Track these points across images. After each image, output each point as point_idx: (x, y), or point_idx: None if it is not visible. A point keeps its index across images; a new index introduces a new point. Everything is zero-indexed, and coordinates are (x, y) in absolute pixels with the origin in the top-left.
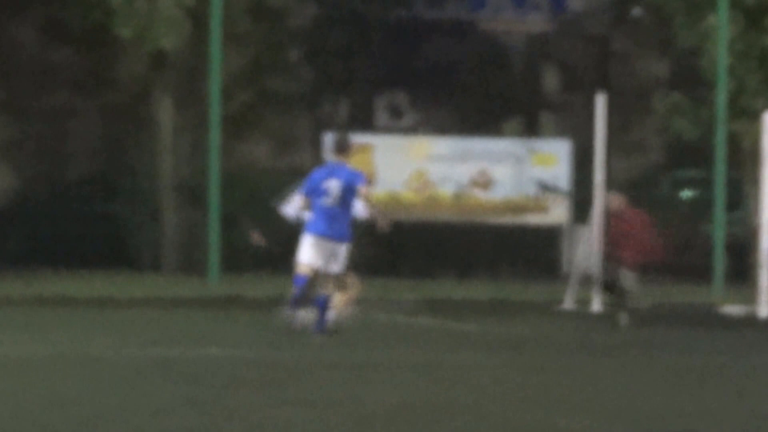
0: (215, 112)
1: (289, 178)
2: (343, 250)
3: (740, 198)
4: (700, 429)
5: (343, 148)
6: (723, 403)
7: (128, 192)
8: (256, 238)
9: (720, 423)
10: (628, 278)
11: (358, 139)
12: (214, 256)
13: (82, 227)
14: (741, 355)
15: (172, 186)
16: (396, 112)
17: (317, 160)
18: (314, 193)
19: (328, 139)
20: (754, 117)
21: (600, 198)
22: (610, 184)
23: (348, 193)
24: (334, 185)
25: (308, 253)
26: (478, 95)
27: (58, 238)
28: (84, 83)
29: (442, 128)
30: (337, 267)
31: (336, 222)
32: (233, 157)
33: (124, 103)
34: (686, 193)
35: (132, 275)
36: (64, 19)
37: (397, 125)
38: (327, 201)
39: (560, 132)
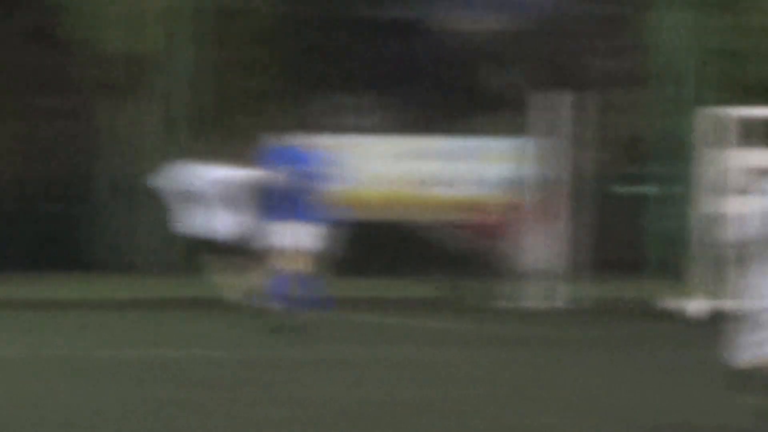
0: (181, 111)
1: None
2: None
3: (696, 193)
4: (664, 423)
5: None
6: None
7: (85, 192)
8: None
9: (703, 415)
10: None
11: (324, 138)
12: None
13: (35, 228)
14: (680, 351)
15: (128, 186)
16: (361, 112)
17: None
18: None
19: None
20: (713, 111)
21: (564, 194)
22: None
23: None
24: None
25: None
26: (437, 96)
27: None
28: (41, 84)
29: (406, 127)
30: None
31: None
32: (197, 156)
33: (83, 103)
34: (639, 188)
35: (86, 276)
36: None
37: (363, 125)
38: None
39: (519, 130)
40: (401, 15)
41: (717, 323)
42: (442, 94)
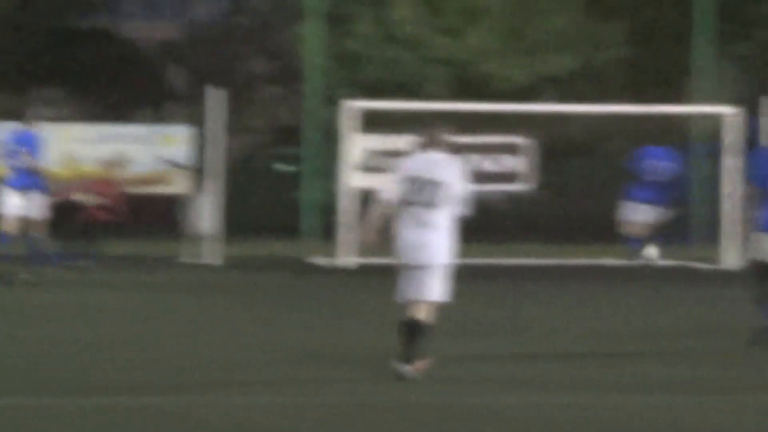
0: None
1: None
2: None
3: (328, 170)
4: (300, 356)
5: None
6: (318, 334)
7: None
8: None
9: (313, 351)
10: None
11: (30, 124)
12: None
13: None
14: (329, 296)
15: None
16: (51, 105)
17: None
18: None
19: None
20: (338, 105)
21: (217, 171)
22: (223, 160)
23: None
24: None
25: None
26: (118, 91)
27: None
28: None
29: (88, 117)
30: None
31: None
32: None
33: None
34: (284, 167)
35: None
36: None
37: (51, 116)
38: None
39: (184, 119)
40: (94, 23)
41: (360, 276)
42: (125, 88)
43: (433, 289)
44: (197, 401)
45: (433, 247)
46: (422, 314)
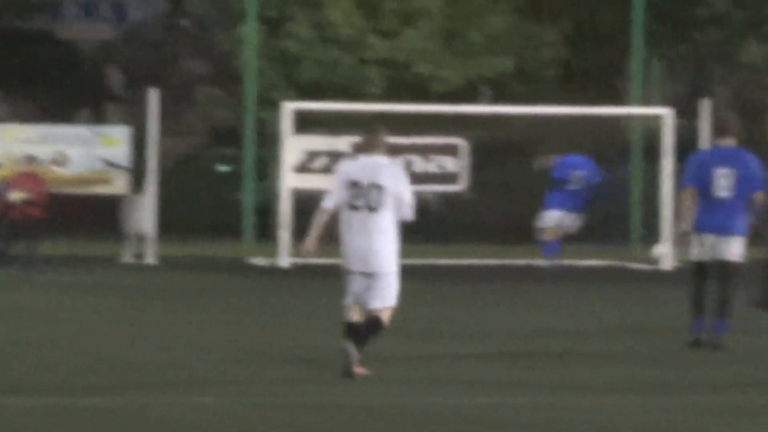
0: None
1: None
2: None
3: (266, 171)
4: (238, 356)
5: None
6: (254, 334)
7: None
8: None
9: (249, 351)
10: None
11: None
12: None
13: None
14: (267, 297)
15: None
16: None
17: None
18: None
19: None
20: (277, 106)
21: (153, 171)
22: (161, 160)
23: None
24: None
25: None
26: (58, 91)
27: None
28: None
29: (28, 118)
30: None
31: None
32: None
33: None
34: (223, 167)
35: None
36: None
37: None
38: None
39: (122, 120)
40: (33, 25)
41: (299, 276)
42: (65, 89)
43: (386, 294)
44: (137, 401)
45: (382, 254)
46: (363, 318)
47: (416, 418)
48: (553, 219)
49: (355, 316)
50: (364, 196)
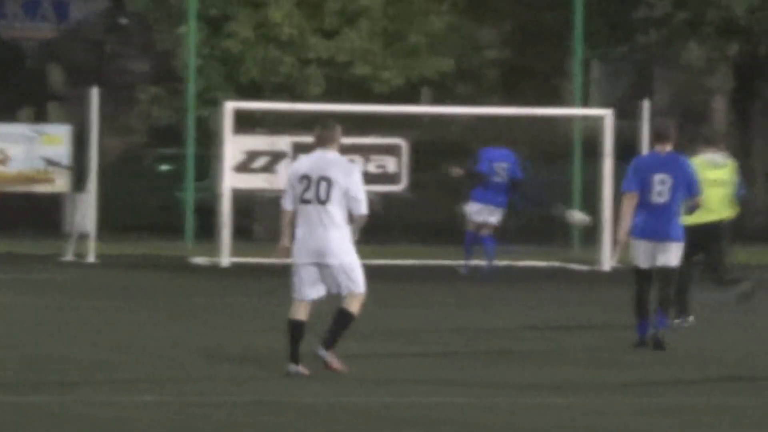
0: None
1: None
2: None
3: (207, 170)
4: (177, 355)
5: None
6: (195, 333)
7: None
8: None
9: (193, 348)
10: None
11: None
12: None
13: None
14: (208, 296)
15: None
16: None
17: None
18: None
19: None
20: (218, 105)
21: (94, 170)
22: (102, 159)
23: None
24: None
25: None
26: (5, 88)
27: None
28: None
29: None
30: None
31: None
32: None
33: None
34: (164, 166)
35: None
36: None
37: None
38: None
39: (64, 119)
40: None
41: (240, 276)
42: (6, 88)
43: (352, 279)
44: (77, 400)
45: (335, 244)
46: (307, 314)
47: (357, 417)
48: (474, 212)
49: (302, 314)
50: (313, 189)
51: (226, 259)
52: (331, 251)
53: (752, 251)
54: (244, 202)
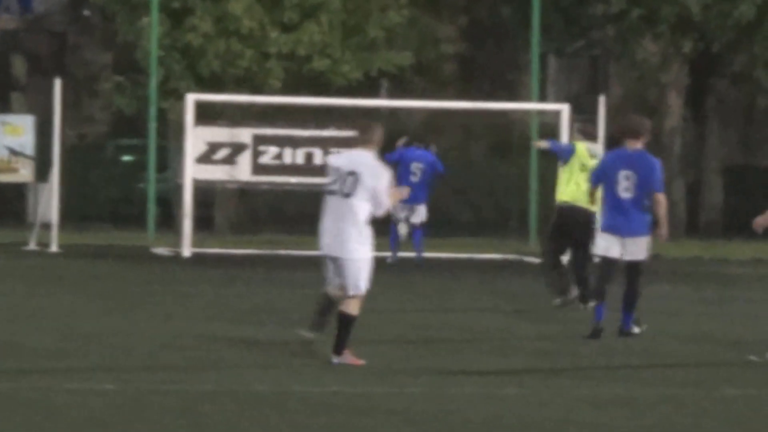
0: None
1: None
2: None
3: (167, 161)
4: (135, 344)
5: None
6: (155, 322)
7: None
8: None
9: (152, 337)
10: None
11: None
12: None
13: None
14: (169, 285)
15: None
16: None
17: None
18: None
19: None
20: (179, 97)
21: (57, 160)
22: (64, 149)
23: None
24: None
25: None
26: None
27: None
28: None
29: None
30: None
31: None
32: None
33: None
34: (126, 157)
35: None
36: None
37: None
38: None
39: (27, 109)
40: None
41: (201, 266)
42: None
43: (350, 283)
44: (37, 387)
45: (348, 240)
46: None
47: (311, 406)
48: (398, 208)
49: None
50: (340, 182)
51: (187, 250)
52: (342, 247)
53: (705, 245)
54: (206, 193)
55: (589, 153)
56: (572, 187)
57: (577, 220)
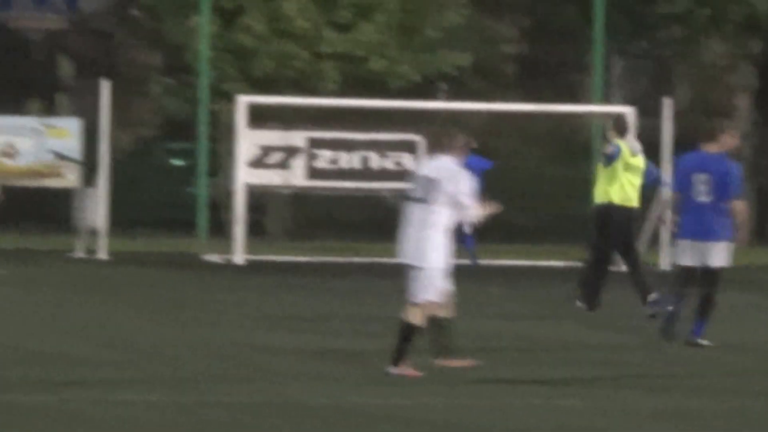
0: None
1: None
2: None
3: (219, 166)
4: (184, 354)
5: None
6: (206, 332)
7: None
8: None
9: (202, 347)
10: None
11: None
12: None
13: None
14: (221, 293)
15: None
16: None
17: None
18: None
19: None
20: (231, 99)
21: (104, 164)
22: (112, 153)
23: None
24: None
25: None
26: (7, 82)
27: None
28: None
29: None
30: None
31: None
32: None
33: None
34: (176, 161)
35: None
36: None
37: None
38: None
39: (73, 111)
40: None
41: (254, 274)
42: (15, 80)
43: (415, 290)
44: (79, 398)
45: (421, 248)
46: (443, 309)
47: (366, 418)
48: None
49: (437, 310)
50: (419, 189)
51: (240, 256)
52: (414, 254)
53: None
54: (259, 198)
55: (630, 151)
56: (616, 187)
57: (620, 221)
